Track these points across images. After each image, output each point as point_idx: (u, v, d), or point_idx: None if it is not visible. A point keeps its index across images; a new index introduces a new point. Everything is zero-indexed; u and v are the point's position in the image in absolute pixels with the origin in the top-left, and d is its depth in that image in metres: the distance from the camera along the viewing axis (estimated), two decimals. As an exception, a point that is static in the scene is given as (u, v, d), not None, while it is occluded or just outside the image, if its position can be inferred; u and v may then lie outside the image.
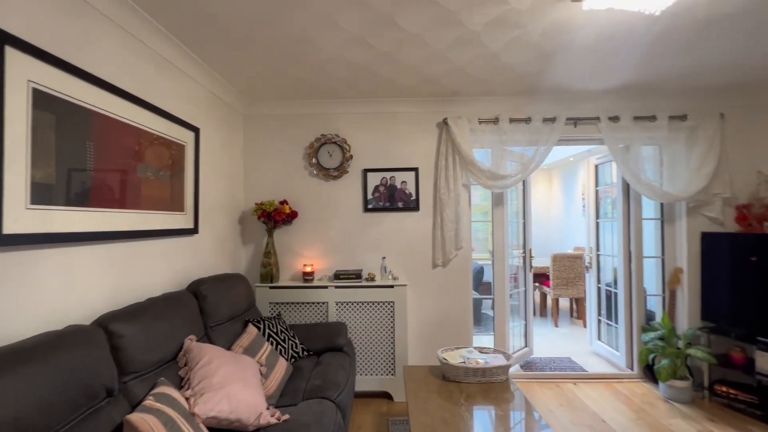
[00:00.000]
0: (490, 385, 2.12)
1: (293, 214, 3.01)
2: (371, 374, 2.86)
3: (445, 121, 3.01)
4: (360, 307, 2.87)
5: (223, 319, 2.17)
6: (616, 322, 3.42)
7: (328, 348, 2.55)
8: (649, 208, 3.32)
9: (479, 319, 4.80)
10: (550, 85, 2.82)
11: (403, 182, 3.12)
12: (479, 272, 5.09)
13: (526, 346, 3.58)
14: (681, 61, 2.40)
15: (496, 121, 3.02)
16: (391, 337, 2.85)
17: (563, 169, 6.55)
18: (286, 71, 2.51)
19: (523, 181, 3.56)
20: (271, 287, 2.89)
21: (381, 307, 2.86)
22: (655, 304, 3.39)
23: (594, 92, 2.97)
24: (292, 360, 2.37)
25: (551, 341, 4.18)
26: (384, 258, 3.11)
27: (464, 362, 2.20)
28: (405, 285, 2.85)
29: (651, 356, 2.94)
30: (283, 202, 3.00)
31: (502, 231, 3.27)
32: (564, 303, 5.71)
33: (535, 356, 3.67)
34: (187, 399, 1.44)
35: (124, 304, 1.72)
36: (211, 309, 2.06)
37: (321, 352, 2.54)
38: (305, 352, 2.48)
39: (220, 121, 2.78)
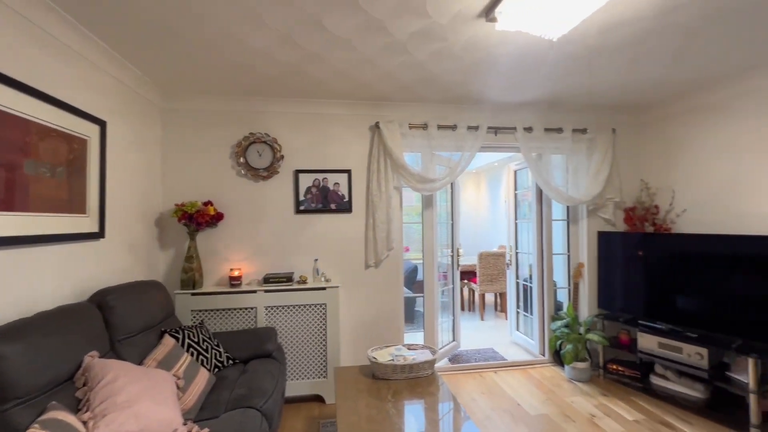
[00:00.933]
0: (417, 380, 2.22)
1: (218, 216, 2.85)
2: (303, 378, 2.82)
3: (377, 125, 3.08)
4: (291, 310, 2.81)
5: (135, 331, 1.99)
6: (532, 314, 3.77)
7: (257, 355, 2.47)
8: (558, 211, 3.72)
9: (412, 317, 4.97)
10: (474, 96, 3.02)
11: (336, 184, 3.12)
12: (413, 271, 5.27)
13: (454, 340, 3.79)
14: (580, 81, 2.72)
15: (425, 126, 3.16)
16: (324, 340, 2.84)
17: (490, 173, 7.04)
18: (210, 65, 2.38)
19: (452, 184, 3.77)
20: (193, 294, 2.71)
21: (313, 309, 2.84)
22: (564, 296, 3.81)
23: (512, 104, 3.25)
24: (216, 370, 2.25)
25: (478, 334, 4.48)
26: (316, 260, 3.09)
27: (393, 360, 2.28)
28: (337, 287, 2.85)
29: (558, 342, 3.30)
30: (207, 203, 2.83)
31: (432, 231, 3.43)
32: (490, 298, 6.14)
33: (463, 349, 3.90)
34: (84, 423, 1.30)
35: (7, 320, 1.49)
36: (118, 321, 1.88)
37: (248, 360, 2.44)
38: (231, 361, 2.37)
39: (133, 114, 2.54)
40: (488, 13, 1.77)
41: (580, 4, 1.58)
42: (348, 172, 3.13)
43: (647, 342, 2.89)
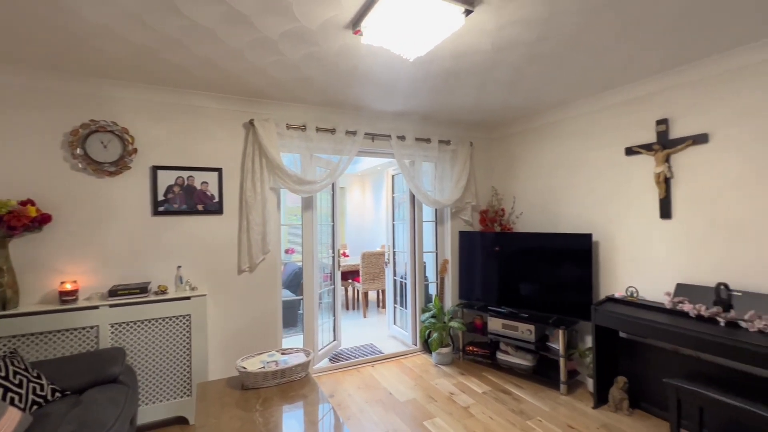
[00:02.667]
0: (289, 385, 2.19)
1: (43, 218, 2.33)
2: (163, 400, 2.51)
3: (251, 122, 2.94)
4: (147, 326, 2.47)
5: None
6: (407, 308, 4.09)
7: (97, 381, 2.10)
8: (428, 213, 4.12)
9: (295, 320, 4.88)
10: (353, 102, 3.13)
11: (204, 183, 2.87)
12: (298, 274, 5.17)
13: (335, 339, 3.86)
14: (444, 98, 3.07)
15: (303, 128, 3.14)
16: (188, 355, 2.57)
17: (374, 176, 7.37)
18: (32, 33, 1.93)
19: (333, 186, 3.83)
20: (3, 316, 2.16)
21: (175, 322, 2.55)
22: (434, 290, 4.22)
23: (388, 113, 3.47)
24: (35, 407, 1.84)
25: (360, 331, 4.64)
26: (179, 267, 2.78)
27: (264, 367, 2.20)
28: (204, 295, 2.62)
29: (427, 332, 3.65)
30: (27, 203, 2.29)
31: (312, 233, 3.43)
32: (374, 295, 6.43)
33: (344, 347, 4.00)
34: None
35: None
36: None
37: (85, 389, 2.06)
38: (57, 394, 1.96)
39: None
40: (355, 25, 1.86)
41: (432, 32, 1.78)
42: (219, 170, 2.91)
43: (494, 324, 3.42)
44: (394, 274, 4.43)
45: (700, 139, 2.44)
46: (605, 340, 2.76)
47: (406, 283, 4.11)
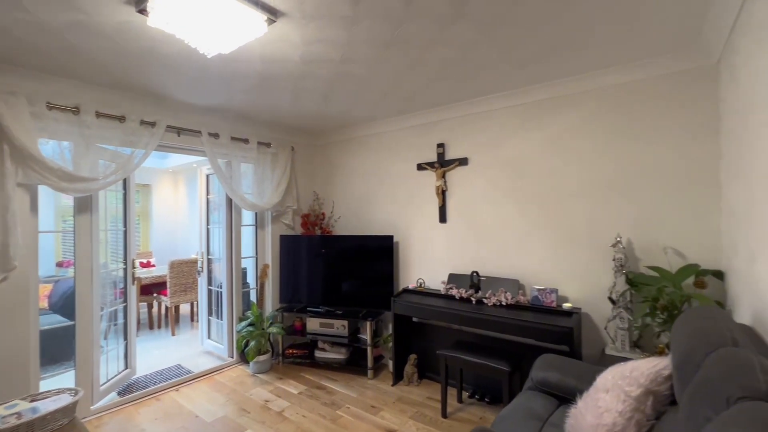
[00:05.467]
0: (41, 438, 1.71)
1: None
2: None
3: (-15, 94, 2.16)
4: None
5: None
6: (223, 319, 3.78)
7: None
8: (249, 216, 3.93)
9: (70, 352, 3.83)
10: (153, 88, 2.69)
11: None
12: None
13: (126, 367, 3.23)
14: (260, 99, 2.99)
15: (76, 110, 2.51)
16: None
17: (189, 173, 6.54)
18: None
19: (125, 183, 3.20)
20: None
21: None
22: (255, 297, 4.05)
23: (197, 106, 3.13)
24: None
25: (166, 352, 4.03)
26: None
27: (-5, 424, 1.65)
28: None
29: (245, 341, 3.47)
30: None
31: (90, 241, 2.77)
32: (187, 308, 5.68)
33: (141, 375, 3.38)
34: None
35: None
36: None
37: None
38: None
39: None
40: (138, 2, 1.62)
41: (233, 32, 1.72)
42: None
43: (313, 324, 3.55)
44: (210, 284, 4.04)
45: (464, 161, 3.18)
46: (402, 325, 3.25)
47: (222, 293, 3.80)
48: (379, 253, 3.51)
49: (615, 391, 1.40)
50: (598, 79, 2.51)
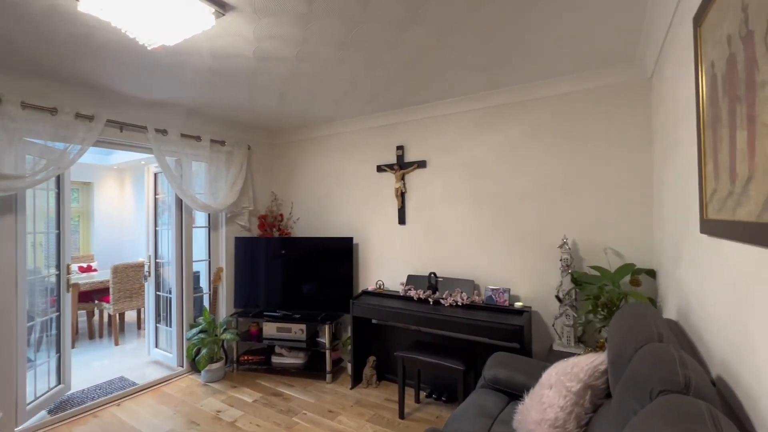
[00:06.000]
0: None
1: None
2: None
3: None
4: None
5: None
6: (172, 326, 3.57)
7: None
8: (202, 218, 3.74)
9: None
10: (91, 79, 2.48)
11: None
12: None
13: (59, 383, 2.95)
14: (212, 94, 2.85)
15: (-2, 100, 2.27)
16: None
17: (136, 171, 6.13)
18: None
19: (58, 181, 2.93)
20: None
21: None
22: (208, 302, 3.86)
23: (142, 100, 2.93)
24: None
25: (108, 363, 3.73)
26: None
27: None
28: None
29: (195, 349, 3.30)
30: None
31: (14, 245, 2.50)
32: (133, 316, 5.31)
33: (77, 390, 3.11)
34: None
35: None
36: None
37: None
38: None
39: None
40: (66, -15, 1.48)
41: (176, 24, 1.62)
42: None
43: (269, 329, 3.44)
44: (158, 289, 3.79)
45: (422, 164, 3.22)
46: (361, 327, 3.23)
47: (172, 298, 3.58)
48: (338, 255, 3.47)
49: (557, 387, 1.46)
50: (549, 87, 2.63)
